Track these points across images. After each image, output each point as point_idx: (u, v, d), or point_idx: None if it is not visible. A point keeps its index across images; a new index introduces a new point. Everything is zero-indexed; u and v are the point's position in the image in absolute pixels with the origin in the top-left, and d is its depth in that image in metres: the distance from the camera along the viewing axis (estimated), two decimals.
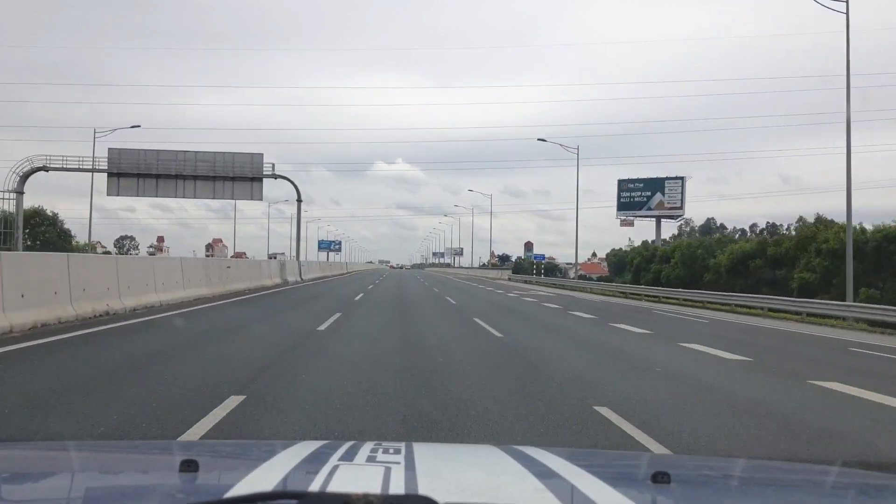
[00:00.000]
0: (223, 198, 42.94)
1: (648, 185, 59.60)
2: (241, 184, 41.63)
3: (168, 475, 1.54)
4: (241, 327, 12.03)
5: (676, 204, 58.69)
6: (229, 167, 41.36)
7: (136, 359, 7.96)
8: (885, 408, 6.67)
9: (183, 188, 41.81)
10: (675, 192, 58.66)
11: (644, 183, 59.92)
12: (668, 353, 10.53)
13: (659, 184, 59.19)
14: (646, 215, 60.11)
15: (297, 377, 6.92)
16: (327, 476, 1.35)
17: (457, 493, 1.31)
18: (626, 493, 1.37)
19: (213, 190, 42.00)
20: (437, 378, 7.12)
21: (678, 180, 58.83)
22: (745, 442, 5.01)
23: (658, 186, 59.13)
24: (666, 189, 58.87)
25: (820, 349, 13.06)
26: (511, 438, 4.61)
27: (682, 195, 58.51)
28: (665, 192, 58.88)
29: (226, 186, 41.69)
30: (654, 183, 59.40)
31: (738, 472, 1.88)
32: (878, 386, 7.90)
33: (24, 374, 6.80)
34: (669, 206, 58.79)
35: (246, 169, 41.45)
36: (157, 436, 4.52)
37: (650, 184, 59.54)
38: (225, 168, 41.33)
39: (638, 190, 59.98)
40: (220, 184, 41.58)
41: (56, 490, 1.46)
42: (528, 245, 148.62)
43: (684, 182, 58.74)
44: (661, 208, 59.00)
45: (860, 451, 5.05)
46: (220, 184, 41.56)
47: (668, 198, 58.75)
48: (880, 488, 1.72)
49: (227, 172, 41.26)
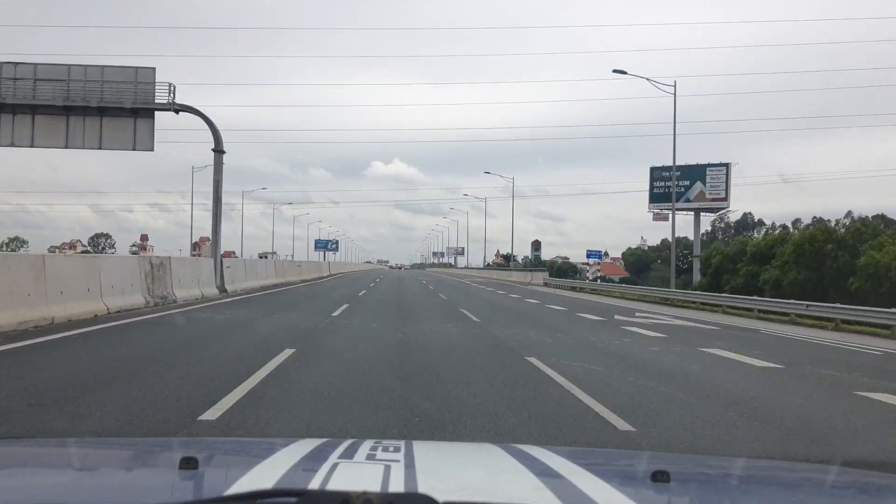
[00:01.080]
0: (83, 146, 23.24)
1: (687, 173, 51.59)
2: (115, 121, 22.75)
3: (168, 472, 1.54)
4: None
5: (720, 194, 50.79)
6: (95, 90, 22.41)
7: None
8: None
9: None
10: (719, 181, 50.75)
11: (682, 171, 51.80)
12: None
13: (699, 172, 51.25)
14: (684, 208, 52.14)
15: None
16: (327, 474, 1.35)
17: (456, 491, 1.32)
18: (625, 491, 1.37)
19: (66, 131, 22.87)
20: None
21: (722, 168, 50.90)
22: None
23: (698, 175, 51.20)
24: (708, 178, 50.99)
25: None
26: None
27: (727, 185, 50.62)
28: (707, 181, 50.98)
29: (88, 126, 22.78)
30: (693, 171, 51.45)
31: (737, 471, 1.87)
32: None
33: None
34: (712, 196, 50.91)
35: (125, 94, 22.53)
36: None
37: (689, 172, 51.55)
38: (87, 92, 22.43)
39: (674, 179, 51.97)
40: (76, 121, 22.72)
41: (56, 487, 1.45)
42: (535, 244, 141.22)
43: (729, 169, 50.83)
44: (701, 200, 51.12)
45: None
46: (77, 121, 22.74)
47: (709, 188, 50.86)
48: (880, 487, 1.73)
49: (89, 98, 22.41)
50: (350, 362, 8.24)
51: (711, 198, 50.92)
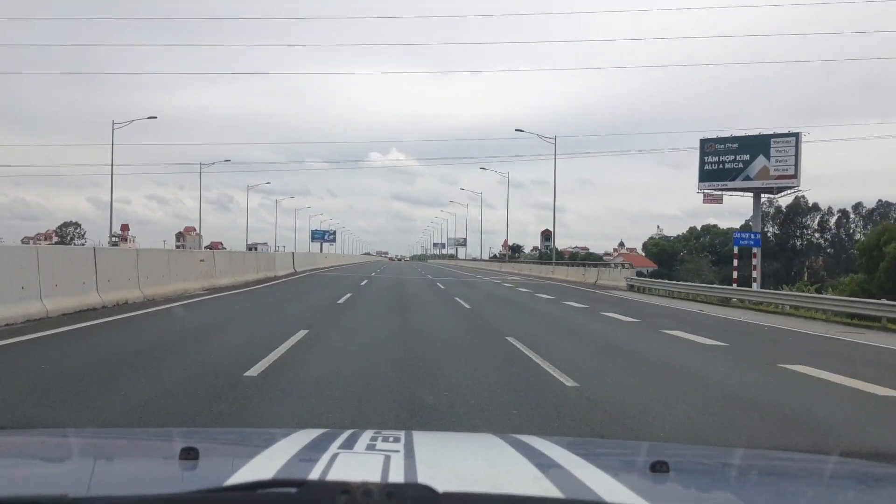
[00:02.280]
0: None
1: (746, 145, 42.65)
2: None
3: (168, 463, 1.53)
4: None
5: (788, 171, 41.72)
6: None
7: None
8: None
9: None
10: (786, 155, 41.73)
11: (740, 143, 42.98)
12: None
13: (762, 144, 42.24)
14: (742, 187, 43.27)
15: None
16: (327, 464, 1.35)
17: (456, 481, 1.32)
18: (624, 481, 1.37)
19: None
20: None
21: (790, 138, 41.83)
22: None
23: (761, 147, 42.21)
24: (772, 151, 41.95)
25: None
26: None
27: (797, 159, 41.56)
28: (770, 155, 41.99)
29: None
30: (754, 143, 42.45)
31: (736, 462, 1.87)
32: None
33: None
34: (777, 174, 41.87)
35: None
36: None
37: (749, 144, 42.59)
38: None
39: (731, 153, 43.07)
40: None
41: (57, 477, 1.45)
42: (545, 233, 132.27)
43: (799, 140, 41.72)
44: (764, 177, 42.09)
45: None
46: None
47: (774, 163, 41.85)
48: (878, 478, 1.74)
49: None
50: None
51: (777, 175, 41.89)
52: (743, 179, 42.69)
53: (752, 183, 42.59)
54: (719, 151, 43.40)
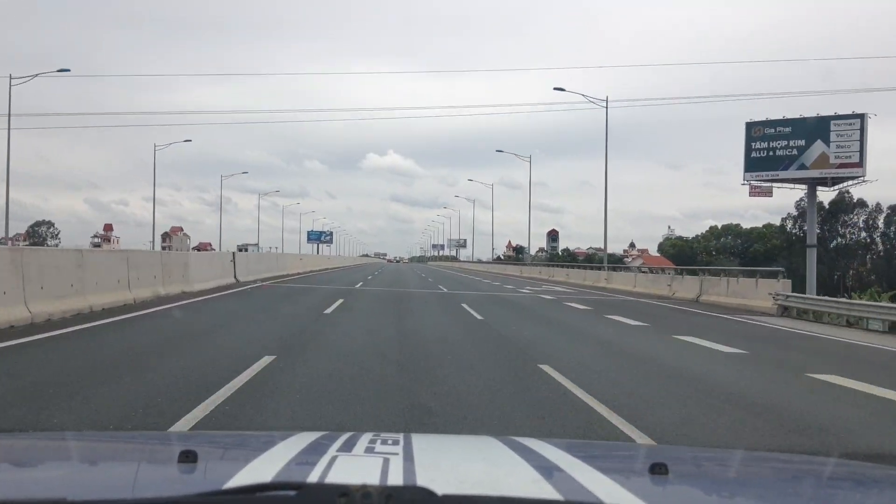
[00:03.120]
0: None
1: (801, 128, 36.90)
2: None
3: (167, 466, 1.53)
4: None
5: (851, 158, 35.92)
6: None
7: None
8: None
9: None
10: (849, 140, 35.95)
11: (794, 126, 37.18)
12: None
13: (820, 127, 36.45)
14: (797, 177, 37.52)
15: None
16: (326, 467, 1.34)
17: (455, 484, 1.31)
18: (624, 484, 1.36)
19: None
20: None
21: (854, 120, 36.01)
22: None
23: (819, 131, 36.43)
24: (832, 135, 36.17)
25: None
26: None
27: (862, 144, 35.76)
28: (830, 140, 36.20)
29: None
30: (812, 126, 36.67)
31: (735, 464, 1.85)
32: None
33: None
34: (839, 161, 36.08)
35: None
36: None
37: (805, 127, 36.84)
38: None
39: (783, 137, 37.30)
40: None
41: (55, 481, 1.44)
42: (552, 234, 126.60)
43: (865, 122, 35.89)
44: (823, 165, 36.33)
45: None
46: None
47: (835, 149, 36.07)
48: (878, 479, 1.73)
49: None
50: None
51: (839, 163, 36.10)
52: (798, 168, 36.91)
53: (808, 172, 36.82)
54: (769, 136, 37.63)
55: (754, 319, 17.88)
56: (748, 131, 38.20)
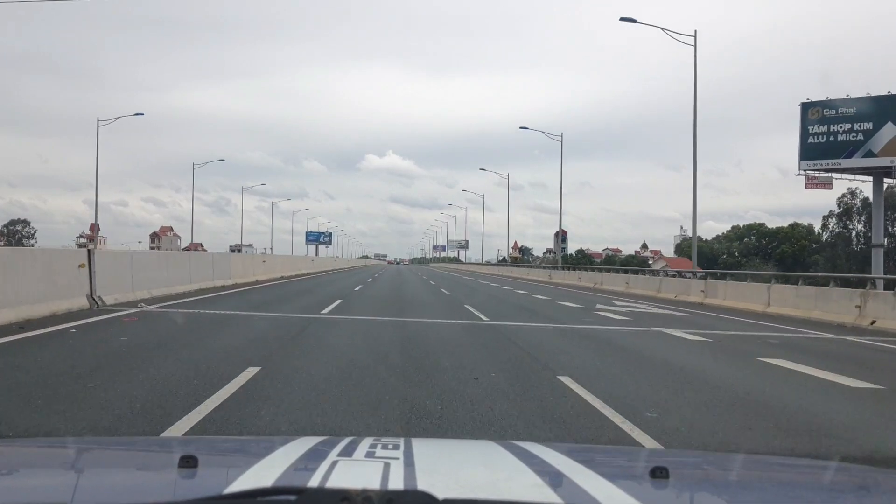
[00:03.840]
0: None
1: (869, 109, 31.94)
2: None
3: (167, 471, 1.53)
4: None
5: None
6: None
7: None
8: None
9: None
10: None
11: (859, 107, 32.22)
12: None
13: (890, 107, 31.50)
14: (863, 166, 32.56)
15: None
16: (326, 472, 1.33)
17: (456, 488, 1.31)
18: (625, 488, 1.36)
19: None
20: None
21: None
22: None
23: (889, 112, 31.48)
24: None
25: None
26: None
27: None
28: None
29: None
30: (879, 106, 31.72)
31: (736, 468, 1.84)
32: None
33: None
34: None
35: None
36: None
37: (872, 108, 31.90)
38: None
39: (845, 120, 32.36)
40: None
41: (56, 487, 1.42)
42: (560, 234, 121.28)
43: None
44: (892, 152, 31.36)
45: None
46: None
47: None
48: (879, 483, 1.71)
49: None
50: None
51: None
52: (864, 156, 31.94)
53: (876, 161, 31.88)
54: (829, 119, 32.70)
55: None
56: (803, 113, 33.30)
